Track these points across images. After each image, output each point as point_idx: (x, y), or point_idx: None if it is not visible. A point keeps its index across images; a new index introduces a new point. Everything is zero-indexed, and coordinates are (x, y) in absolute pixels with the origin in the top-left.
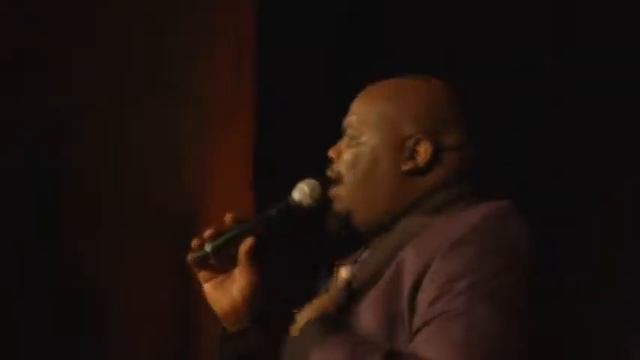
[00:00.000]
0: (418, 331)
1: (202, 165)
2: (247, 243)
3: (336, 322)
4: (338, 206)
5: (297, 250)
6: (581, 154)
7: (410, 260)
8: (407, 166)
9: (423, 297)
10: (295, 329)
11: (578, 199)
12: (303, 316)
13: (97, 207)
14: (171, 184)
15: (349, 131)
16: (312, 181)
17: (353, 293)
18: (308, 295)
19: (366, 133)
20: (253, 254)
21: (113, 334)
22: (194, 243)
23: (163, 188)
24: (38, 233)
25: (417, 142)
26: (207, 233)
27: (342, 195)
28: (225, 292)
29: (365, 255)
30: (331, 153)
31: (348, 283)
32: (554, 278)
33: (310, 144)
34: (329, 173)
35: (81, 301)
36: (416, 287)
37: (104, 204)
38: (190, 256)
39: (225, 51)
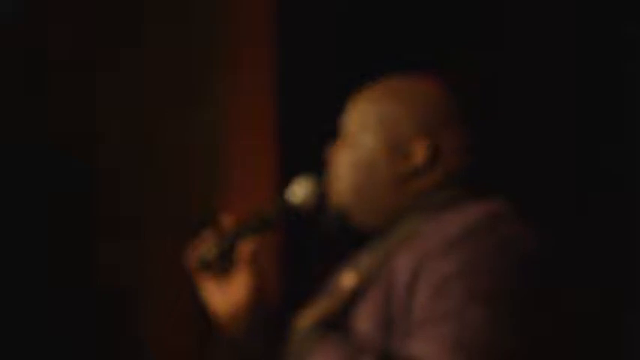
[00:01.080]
0: (412, 331)
1: (234, 166)
2: (248, 246)
3: (334, 326)
4: (335, 206)
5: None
6: (579, 153)
7: (404, 262)
8: (404, 168)
9: (417, 298)
10: (294, 334)
11: (577, 199)
12: (303, 322)
13: (138, 208)
14: (209, 185)
15: (347, 131)
16: (307, 180)
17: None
18: (310, 297)
19: (364, 134)
20: (254, 256)
21: (150, 334)
22: (194, 247)
23: (202, 190)
24: (78, 233)
25: (414, 144)
26: (208, 236)
27: (339, 195)
28: (225, 295)
29: (363, 258)
30: (328, 153)
31: (353, 292)
32: (552, 280)
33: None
34: (327, 174)
35: (121, 301)
36: (410, 288)
37: (145, 205)
38: (193, 261)
39: (247, 52)
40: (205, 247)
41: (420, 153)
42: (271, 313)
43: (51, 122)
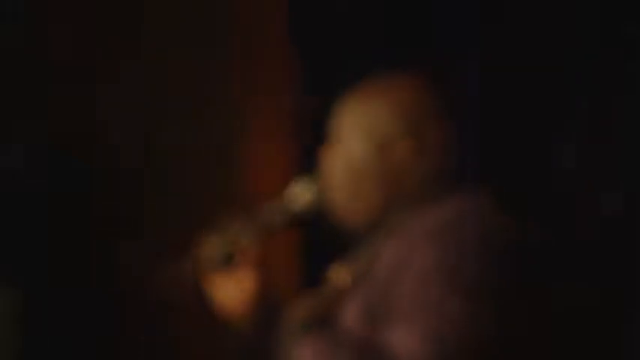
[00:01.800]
0: (393, 322)
1: (242, 165)
2: (253, 248)
3: (324, 320)
4: (331, 209)
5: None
6: (579, 153)
7: (388, 255)
8: (390, 166)
9: (399, 290)
10: (285, 328)
11: (576, 198)
12: (295, 315)
13: (138, 208)
14: (212, 183)
15: (336, 135)
16: (305, 185)
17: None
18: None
19: (350, 137)
20: (258, 259)
21: (150, 334)
22: (200, 246)
23: (205, 188)
24: (78, 233)
25: (398, 142)
26: (214, 236)
27: (333, 199)
28: (230, 294)
29: (354, 254)
30: (321, 157)
31: (341, 287)
32: (535, 273)
33: None
34: (320, 179)
35: (123, 302)
36: (392, 281)
37: (145, 205)
38: (199, 260)
39: (250, 53)
40: (210, 247)
41: (405, 152)
42: (277, 310)
43: (51, 122)
